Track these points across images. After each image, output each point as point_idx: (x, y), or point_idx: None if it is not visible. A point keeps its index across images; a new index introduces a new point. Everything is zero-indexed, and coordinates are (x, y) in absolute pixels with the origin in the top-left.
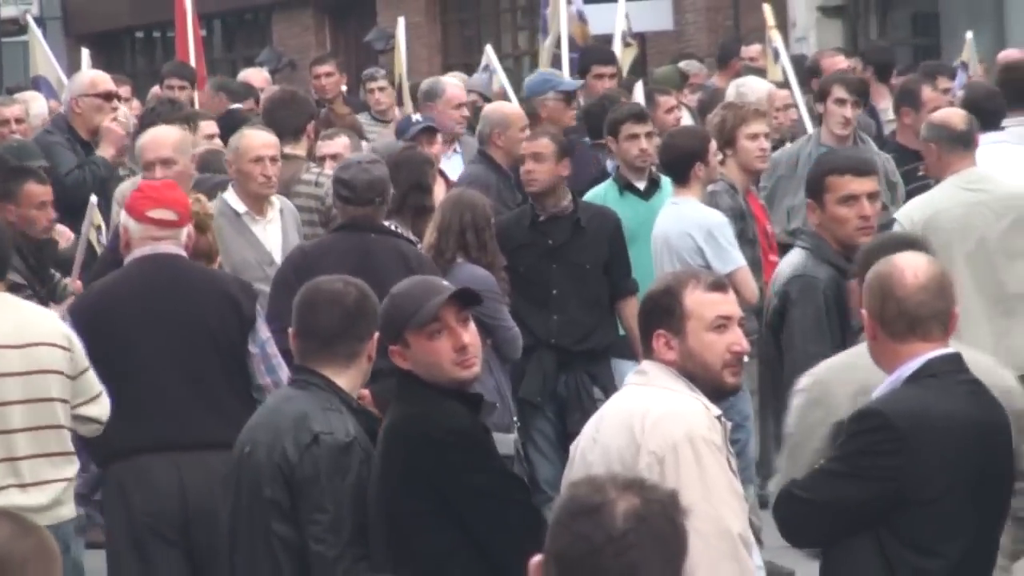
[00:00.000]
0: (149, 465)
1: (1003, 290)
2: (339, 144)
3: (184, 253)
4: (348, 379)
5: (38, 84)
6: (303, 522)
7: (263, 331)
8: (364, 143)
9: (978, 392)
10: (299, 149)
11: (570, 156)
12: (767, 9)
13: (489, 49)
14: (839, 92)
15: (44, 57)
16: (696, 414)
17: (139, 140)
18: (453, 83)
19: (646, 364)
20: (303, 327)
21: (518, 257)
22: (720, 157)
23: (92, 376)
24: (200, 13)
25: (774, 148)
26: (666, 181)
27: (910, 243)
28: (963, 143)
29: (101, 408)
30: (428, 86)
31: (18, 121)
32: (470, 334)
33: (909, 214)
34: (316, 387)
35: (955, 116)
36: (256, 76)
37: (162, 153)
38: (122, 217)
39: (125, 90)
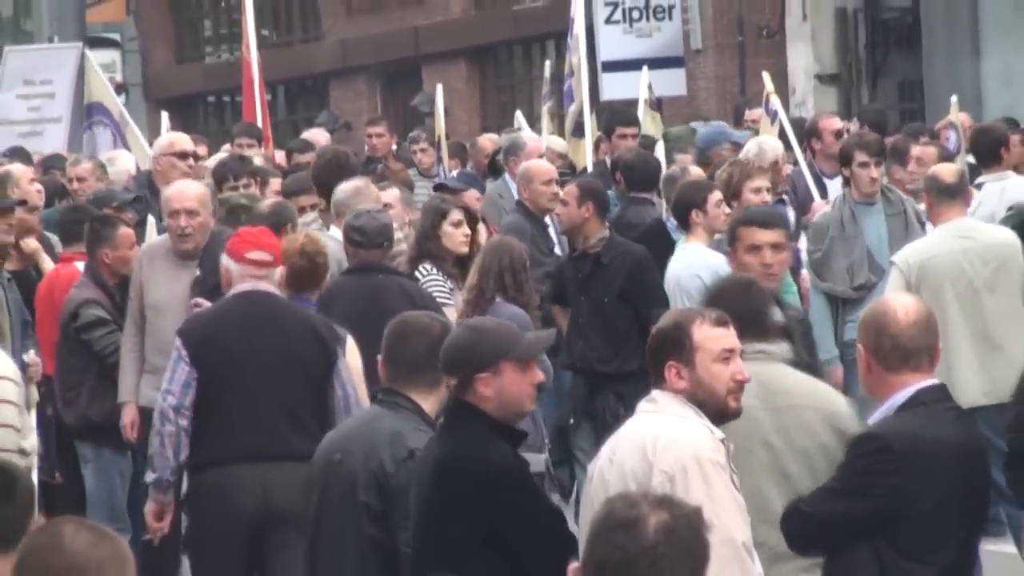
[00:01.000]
0: (240, 472)
1: (987, 326)
2: (391, 195)
3: (278, 291)
4: (431, 403)
5: (92, 111)
6: (397, 528)
7: (346, 371)
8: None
9: (962, 418)
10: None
11: (595, 200)
12: (766, 77)
13: (519, 114)
14: (861, 157)
15: (103, 88)
16: (702, 437)
17: (165, 191)
18: (533, 137)
19: (656, 393)
20: (393, 355)
21: (562, 288)
22: (727, 208)
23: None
24: (265, 80)
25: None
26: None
27: (746, 283)
28: (950, 195)
29: (33, 443)
30: (509, 142)
31: (80, 180)
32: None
33: (905, 258)
34: (405, 409)
35: (945, 171)
36: (319, 136)
37: (187, 204)
38: (223, 259)
39: (202, 149)
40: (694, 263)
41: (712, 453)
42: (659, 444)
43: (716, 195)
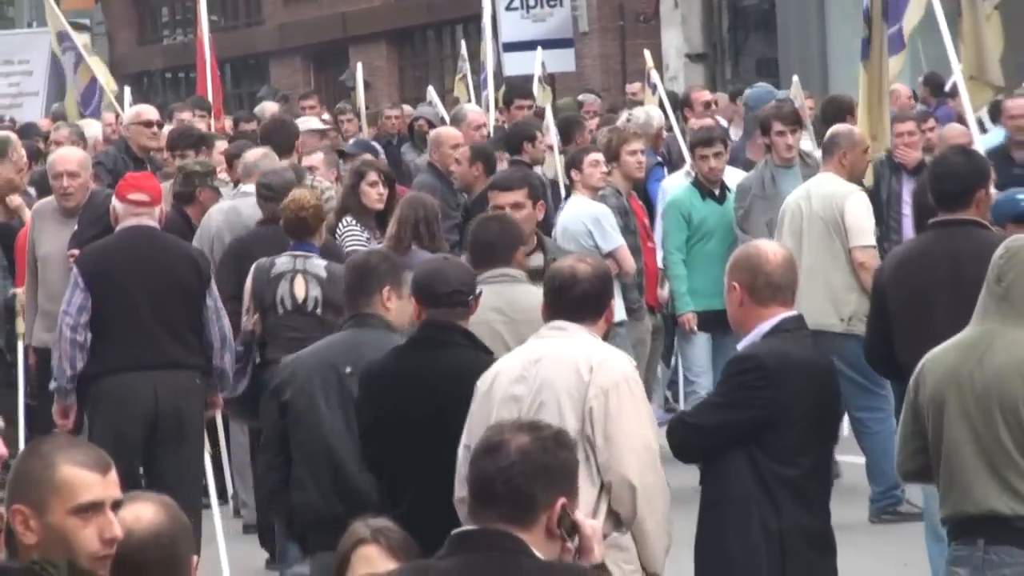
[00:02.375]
0: (133, 379)
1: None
2: (316, 158)
3: (157, 225)
4: (394, 315)
5: (62, 38)
6: None
7: (214, 289)
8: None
9: (816, 344)
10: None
11: (484, 161)
12: (647, 54)
13: (431, 89)
14: (778, 126)
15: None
16: (624, 358)
17: (50, 157)
18: (475, 109)
19: (562, 323)
20: (348, 287)
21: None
22: (607, 168)
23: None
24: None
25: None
26: (732, 188)
27: (499, 218)
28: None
29: None
30: (454, 113)
31: (57, 144)
32: None
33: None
34: (374, 326)
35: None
36: (270, 107)
37: (68, 167)
38: (113, 200)
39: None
40: (578, 212)
41: (633, 372)
42: (594, 363)
43: (592, 156)
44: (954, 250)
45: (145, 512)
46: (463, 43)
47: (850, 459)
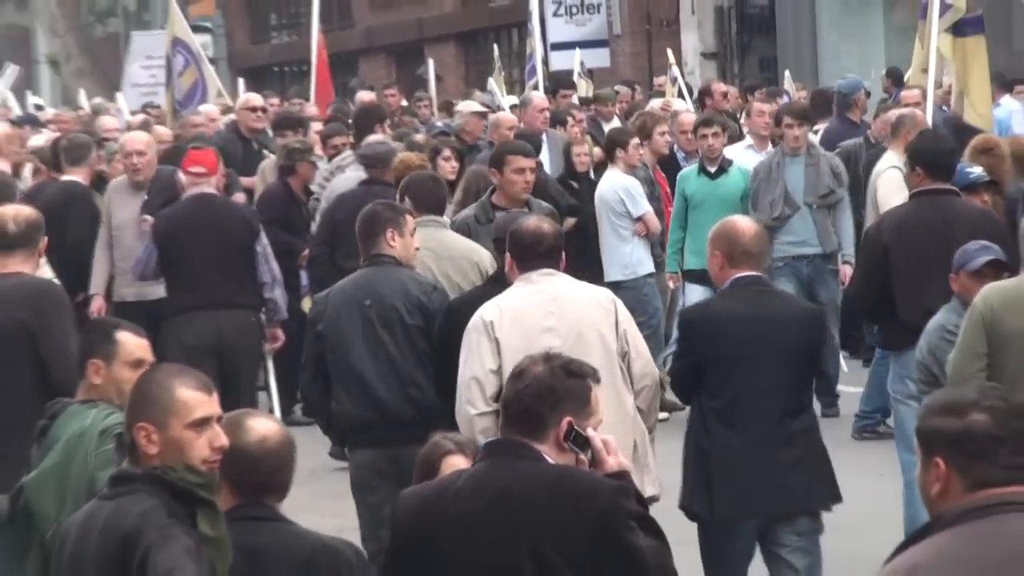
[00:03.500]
0: (200, 315)
1: None
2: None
3: (215, 191)
4: (398, 252)
5: (176, 44)
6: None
7: (263, 239)
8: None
9: (759, 295)
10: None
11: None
12: (670, 53)
13: (491, 80)
14: (788, 120)
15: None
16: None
17: (121, 139)
18: (539, 95)
19: (549, 270)
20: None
21: None
22: (641, 149)
23: None
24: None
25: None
26: (735, 167)
27: (430, 176)
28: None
29: None
30: (523, 98)
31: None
32: None
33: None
34: (388, 264)
35: None
36: (366, 95)
37: (137, 147)
38: (179, 173)
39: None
40: (613, 183)
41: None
42: (609, 298)
43: (635, 140)
44: (946, 214)
45: (274, 426)
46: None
47: (851, 389)
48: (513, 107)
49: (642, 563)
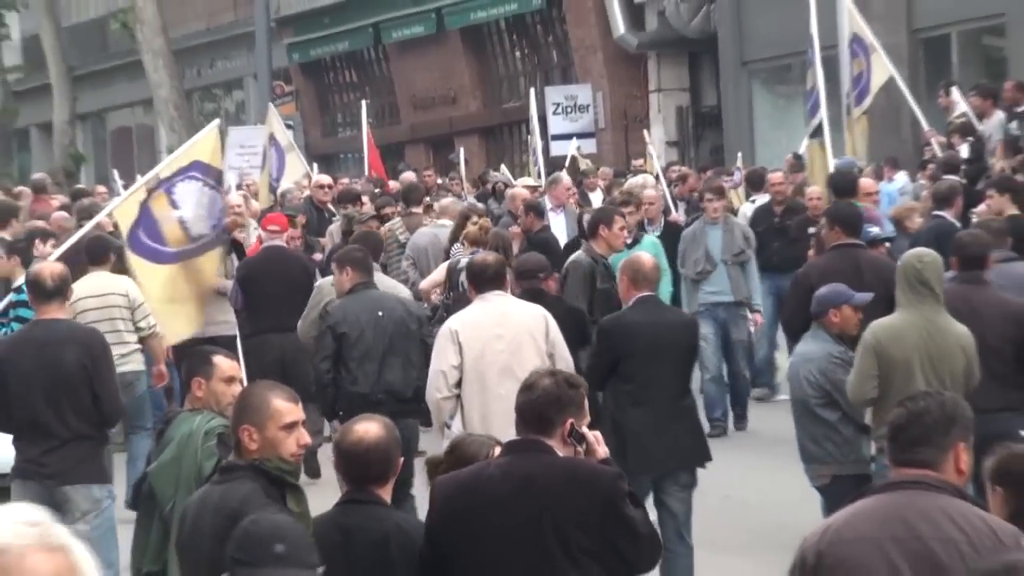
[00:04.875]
0: (267, 338)
1: None
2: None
3: (286, 245)
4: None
5: (274, 140)
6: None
7: (318, 279)
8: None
9: (655, 308)
10: (419, 209)
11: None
12: (646, 134)
13: (503, 166)
14: (708, 196)
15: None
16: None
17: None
18: (566, 177)
19: (498, 291)
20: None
21: None
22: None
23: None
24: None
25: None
26: (646, 237)
27: (367, 235)
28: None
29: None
30: (552, 178)
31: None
32: None
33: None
34: (375, 287)
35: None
36: (410, 175)
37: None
38: (260, 230)
39: (344, 181)
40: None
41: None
42: (542, 314)
43: (619, 221)
44: (856, 262)
45: (372, 427)
46: (529, 137)
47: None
48: (529, 187)
49: (637, 529)
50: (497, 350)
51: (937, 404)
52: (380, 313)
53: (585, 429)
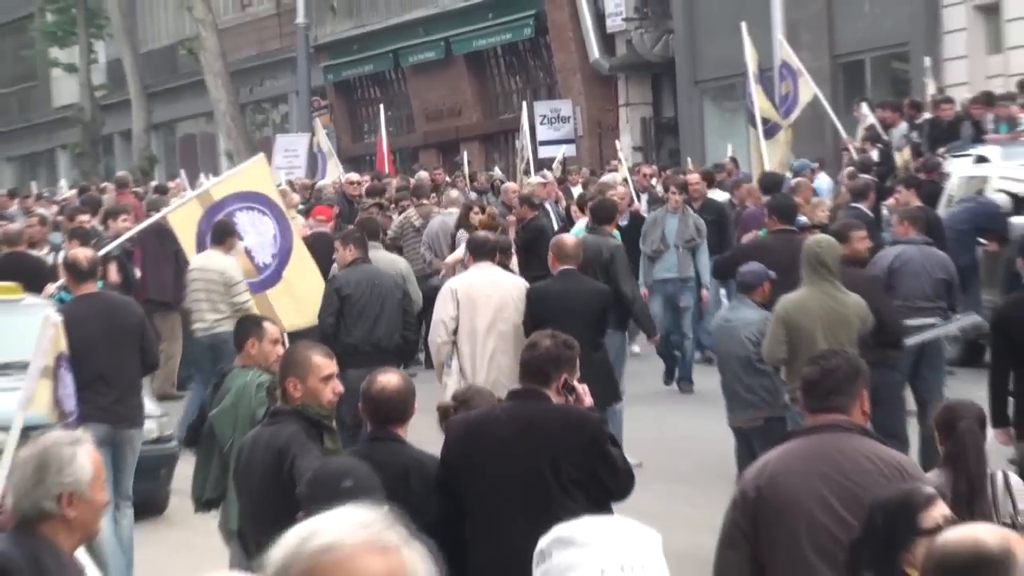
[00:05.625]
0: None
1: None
2: (453, 195)
3: (328, 231)
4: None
5: (315, 146)
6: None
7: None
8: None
9: (573, 279)
10: (427, 201)
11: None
12: (618, 144)
13: (496, 168)
14: (673, 189)
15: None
16: None
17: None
18: (550, 176)
19: (486, 263)
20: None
21: None
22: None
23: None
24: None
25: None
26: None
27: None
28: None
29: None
30: (542, 175)
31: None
32: None
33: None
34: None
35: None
36: (422, 175)
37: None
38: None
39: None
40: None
41: None
42: (521, 284)
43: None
44: (789, 244)
45: (393, 378)
46: (518, 143)
47: None
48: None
49: (616, 464)
50: (486, 307)
51: (844, 360)
52: (376, 282)
53: (575, 382)
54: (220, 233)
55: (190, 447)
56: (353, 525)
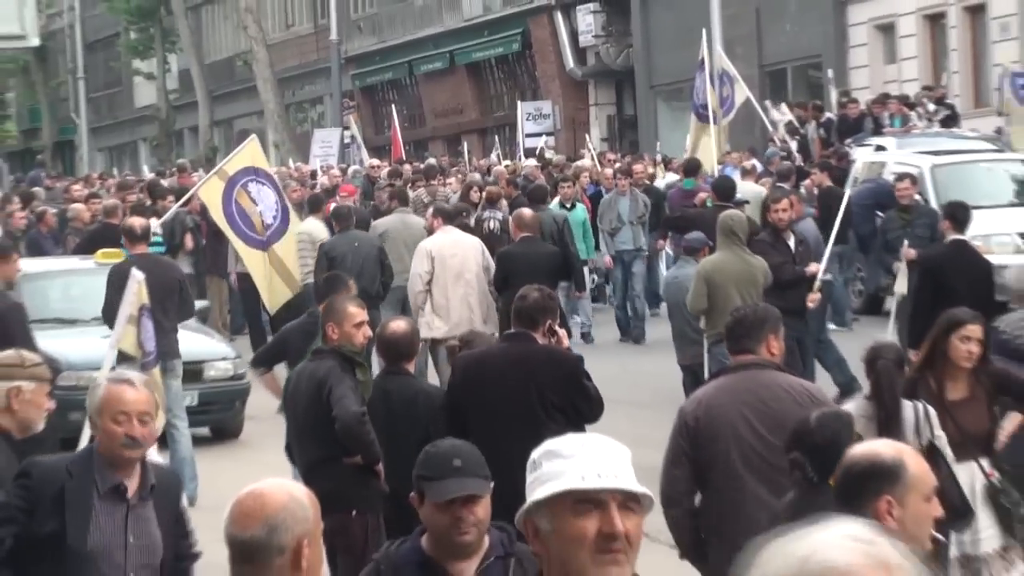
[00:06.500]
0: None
1: None
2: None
3: (353, 205)
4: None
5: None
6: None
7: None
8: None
9: (532, 244)
10: (435, 182)
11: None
12: (588, 136)
13: (493, 155)
14: (619, 176)
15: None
16: None
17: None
18: (533, 162)
19: (450, 227)
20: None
21: None
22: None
23: None
24: (401, 140)
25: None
26: (579, 205)
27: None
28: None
29: None
30: (532, 160)
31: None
32: None
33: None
34: (358, 230)
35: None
36: (431, 160)
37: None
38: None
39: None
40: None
41: None
42: (480, 244)
43: (568, 183)
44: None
45: (402, 324)
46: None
47: None
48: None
49: (590, 394)
50: (453, 262)
51: (752, 312)
52: (356, 244)
53: (557, 327)
54: (314, 203)
55: (256, 368)
56: (847, 539)
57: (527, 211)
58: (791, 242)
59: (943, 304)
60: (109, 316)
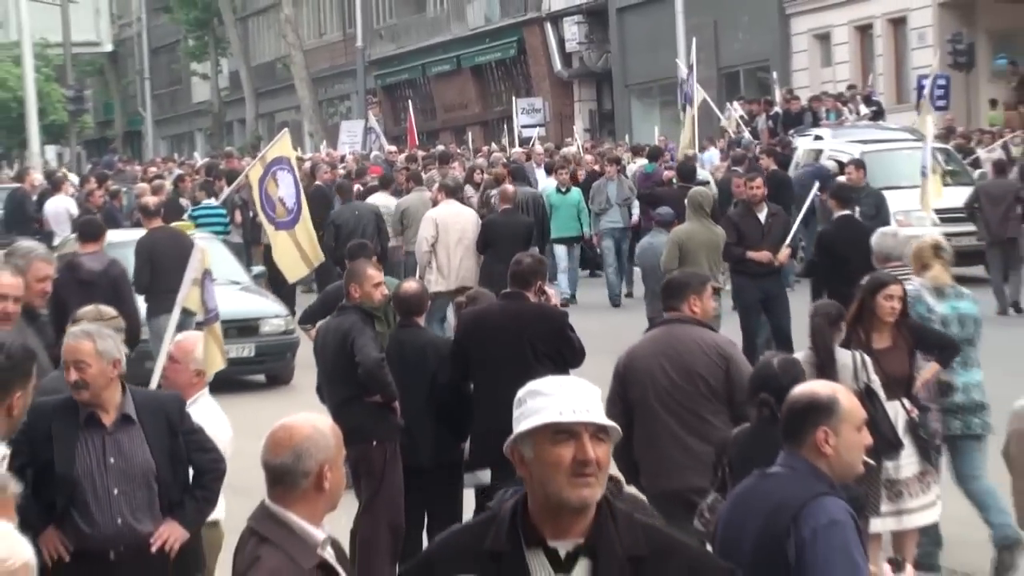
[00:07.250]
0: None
1: None
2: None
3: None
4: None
5: (369, 129)
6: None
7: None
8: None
9: (513, 216)
10: (447, 167)
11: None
12: (574, 128)
13: (494, 144)
14: (607, 163)
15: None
16: None
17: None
18: (523, 151)
19: (451, 200)
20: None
21: None
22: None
23: None
24: (416, 131)
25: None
26: (573, 189)
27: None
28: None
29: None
30: (523, 150)
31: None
32: None
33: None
34: (359, 201)
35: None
36: (441, 148)
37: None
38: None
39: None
40: (545, 184)
41: None
42: (477, 217)
43: (563, 170)
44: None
45: (413, 284)
46: (506, 128)
47: None
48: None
49: (574, 344)
50: (454, 229)
51: (679, 276)
52: (356, 213)
53: (546, 287)
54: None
55: (303, 324)
56: None
57: (510, 187)
58: (762, 216)
59: (838, 268)
60: (140, 282)
